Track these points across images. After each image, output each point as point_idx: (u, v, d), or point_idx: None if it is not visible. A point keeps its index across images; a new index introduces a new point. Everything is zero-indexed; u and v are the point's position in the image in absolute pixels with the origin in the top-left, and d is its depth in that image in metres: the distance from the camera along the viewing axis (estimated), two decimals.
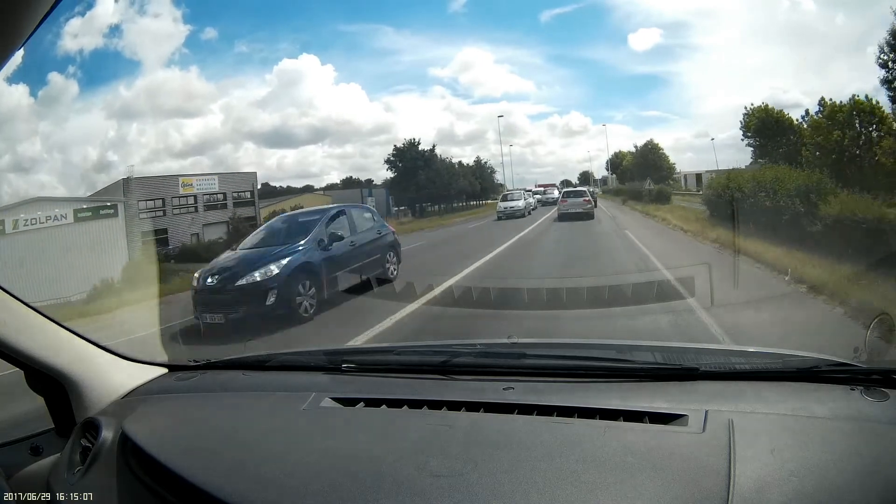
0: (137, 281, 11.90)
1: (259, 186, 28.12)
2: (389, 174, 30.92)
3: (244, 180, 27.81)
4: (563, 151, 40.48)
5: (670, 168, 31.06)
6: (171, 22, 31.59)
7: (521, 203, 22.09)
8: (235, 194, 26.47)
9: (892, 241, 6.78)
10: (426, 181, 29.70)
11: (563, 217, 17.38)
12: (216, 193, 25.86)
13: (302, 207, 14.48)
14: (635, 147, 33.31)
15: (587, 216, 16.89)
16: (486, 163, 36.31)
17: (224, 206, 25.89)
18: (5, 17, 0.87)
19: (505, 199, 23.70)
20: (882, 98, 15.56)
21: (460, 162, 35.39)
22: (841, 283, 5.43)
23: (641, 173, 29.92)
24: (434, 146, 31.46)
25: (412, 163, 30.14)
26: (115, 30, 26.30)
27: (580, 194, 18.50)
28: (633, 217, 18.02)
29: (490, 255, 10.34)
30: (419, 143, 31.13)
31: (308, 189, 32.20)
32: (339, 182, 33.63)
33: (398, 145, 31.37)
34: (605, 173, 35.93)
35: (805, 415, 1.10)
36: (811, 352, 1.32)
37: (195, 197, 25.09)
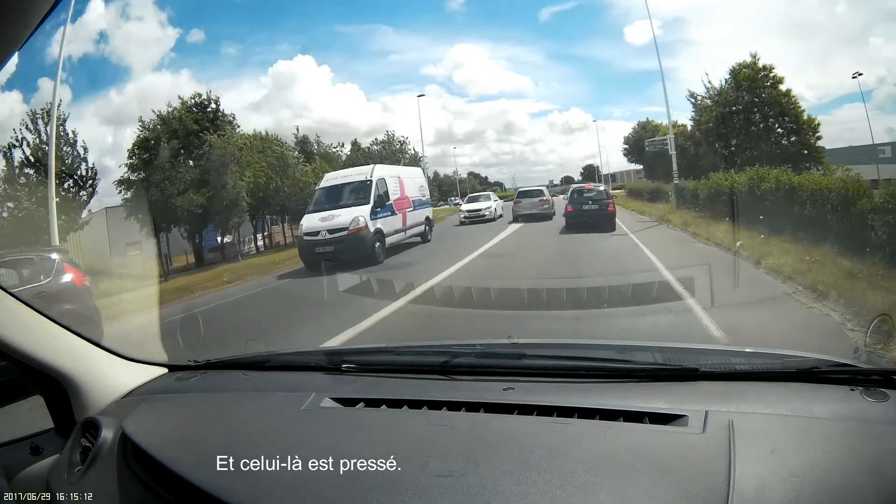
0: None
1: None
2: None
3: None
4: (564, 149, 40.55)
5: (809, 123, 13.12)
6: (164, 25, 30.88)
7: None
8: None
9: None
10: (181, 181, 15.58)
11: (518, 218, 16.47)
12: None
13: None
14: (708, 82, 15.44)
15: (545, 217, 15.93)
16: (401, 140, 22.74)
17: None
18: (4, 20, 0.86)
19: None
20: None
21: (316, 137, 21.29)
22: None
23: (721, 139, 12.96)
24: (216, 101, 18.22)
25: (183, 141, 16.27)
26: (105, 35, 23.55)
27: (537, 194, 17.52)
28: None
29: None
30: (212, 102, 18.06)
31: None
32: None
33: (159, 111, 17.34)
34: (627, 162, 24.47)
35: (805, 415, 1.10)
36: (811, 352, 1.32)
37: None
